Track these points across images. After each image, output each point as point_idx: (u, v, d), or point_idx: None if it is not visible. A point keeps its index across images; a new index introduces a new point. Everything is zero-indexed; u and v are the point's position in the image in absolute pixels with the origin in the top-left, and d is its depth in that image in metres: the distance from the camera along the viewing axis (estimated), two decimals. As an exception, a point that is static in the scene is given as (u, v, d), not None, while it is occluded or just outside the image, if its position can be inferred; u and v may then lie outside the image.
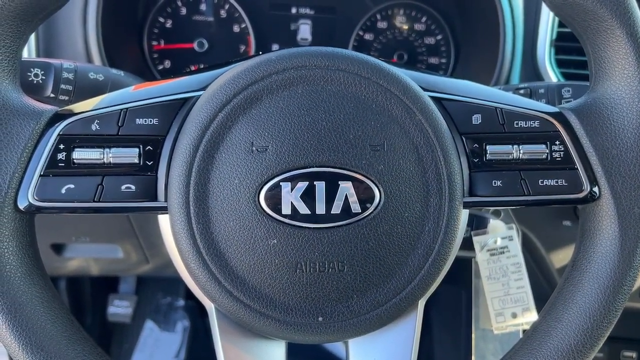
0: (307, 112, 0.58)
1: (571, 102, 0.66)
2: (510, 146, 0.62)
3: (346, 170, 0.58)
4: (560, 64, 1.06)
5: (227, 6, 1.18)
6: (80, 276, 1.59)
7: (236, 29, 1.19)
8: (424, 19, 1.22)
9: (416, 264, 0.59)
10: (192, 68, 1.20)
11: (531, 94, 0.79)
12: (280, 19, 1.21)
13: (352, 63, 0.59)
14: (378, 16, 1.22)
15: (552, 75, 1.05)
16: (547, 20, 1.05)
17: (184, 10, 1.18)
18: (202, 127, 0.58)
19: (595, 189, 0.62)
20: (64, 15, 0.99)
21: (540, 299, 1.07)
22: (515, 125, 0.63)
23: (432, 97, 0.63)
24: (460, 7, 1.18)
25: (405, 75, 0.62)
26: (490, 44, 1.08)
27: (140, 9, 1.15)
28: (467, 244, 0.89)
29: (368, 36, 1.23)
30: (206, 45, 1.17)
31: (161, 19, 1.18)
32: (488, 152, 0.62)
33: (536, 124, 0.63)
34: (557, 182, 0.62)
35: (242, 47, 1.20)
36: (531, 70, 1.07)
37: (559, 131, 0.63)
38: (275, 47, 1.22)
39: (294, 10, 1.21)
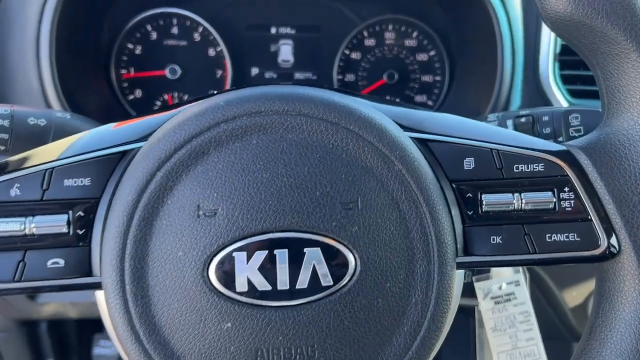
0: (264, 166, 0.49)
1: (581, 138, 0.55)
2: (511, 195, 0.52)
3: (313, 235, 0.48)
4: (566, 80, 0.96)
5: (200, 29, 1.09)
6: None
7: (211, 52, 1.10)
8: (415, 34, 1.13)
9: (402, 344, 0.49)
10: (166, 97, 1.11)
11: (534, 123, 0.69)
12: (259, 40, 1.12)
13: (316, 105, 0.50)
14: (365, 33, 1.13)
15: (557, 93, 0.95)
16: (550, 32, 0.95)
17: (154, 35, 1.09)
18: (138, 189, 0.48)
19: (614, 244, 0.52)
20: (15, 52, 0.90)
21: (552, 339, 0.96)
22: (515, 170, 0.53)
23: (416, 139, 0.53)
24: (454, 21, 1.08)
25: (382, 114, 0.53)
26: (488, 58, 0.98)
27: (105, 36, 1.06)
28: (469, 290, 0.79)
29: (355, 55, 1.13)
30: (179, 72, 1.08)
31: (130, 45, 1.09)
32: (484, 202, 0.52)
33: (540, 167, 0.53)
34: (567, 237, 0.52)
35: (219, 72, 1.11)
36: (534, 88, 0.97)
37: (567, 175, 0.53)
38: (254, 70, 1.13)
39: (273, 30, 1.12)
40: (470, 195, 0.53)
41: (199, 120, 0.49)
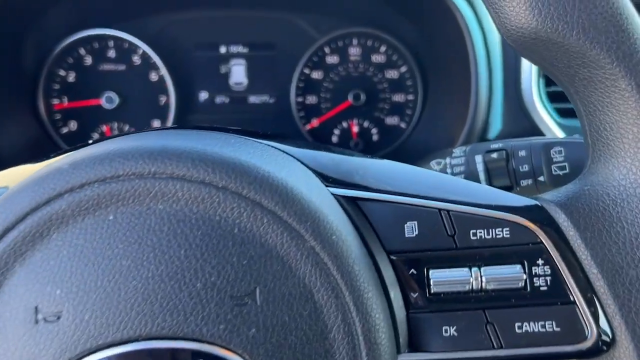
0: (124, 251, 0.36)
1: (559, 190, 0.43)
2: (467, 270, 0.40)
3: (194, 343, 0.36)
4: (553, 97, 0.83)
5: (140, 51, 0.97)
6: None
7: (153, 77, 0.98)
8: (382, 49, 1.00)
9: None
10: (104, 129, 0.99)
11: (508, 159, 0.57)
12: (207, 61, 1.00)
13: (195, 163, 0.37)
14: (326, 49, 1.00)
15: (543, 113, 0.82)
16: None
17: (88, 60, 0.97)
18: (-46, 288, 0.35)
19: (607, 331, 0.39)
20: None
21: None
22: (472, 237, 0.40)
23: (342, 198, 0.41)
24: (423, 34, 0.96)
25: (294, 165, 0.40)
26: (462, 76, 0.85)
27: (29, 60, 0.94)
28: None
29: (316, 74, 1.01)
30: (117, 100, 0.96)
31: (61, 72, 0.97)
32: (433, 281, 0.40)
33: (505, 232, 0.40)
34: (543, 325, 0.39)
35: (162, 99, 0.98)
36: (517, 108, 0.84)
37: (541, 242, 0.40)
38: (203, 95, 1.01)
39: (223, 50, 1.00)
40: (415, 272, 0.40)
41: (35, 190, 0.36)
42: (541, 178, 0.55)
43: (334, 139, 1.02)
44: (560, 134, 0.82)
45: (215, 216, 0.37)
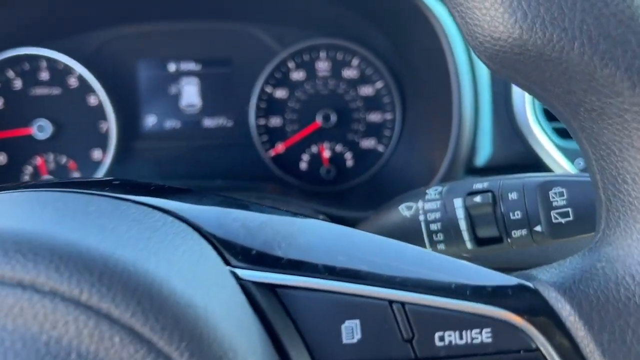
0: None
1: (559, 264, 0.30)
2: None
3: None
4: (551, 115, 0.71)
5: (76, 72, 0.85)
6: None
7: (92, 101, 0.86)
8: (355, 63, 0.88)
9: None
10: (38, 162, 0.86)
11: (495, 203, 0.44)
12: (154, 81, 0.88)
13: (8, 254, 0.24)
14: (290, 64, 0.88)
15: (539, 134, 0.70)
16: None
17: (18, 83, 0.85)
18: None
19: None
20: None
21: None
22: (437, 342, 0.28)
23: (253, 285, 0.29)
24: (399, 44, 0.83)
25: (173, 243, 0.28)
26: (444, 90, 0.73)
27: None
28: None
29: (279, 93, 0.88)
30: (50, 129, 0.84)
31: (-13, 98, 0.85)
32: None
33: (486, 335, 0.28)
34: None
35: (103, 126, 0.86)
36: (508, 127, 0.72)
37: (537, 349, 0.28)
38: (151, 120, 0.88)
39: (172, 68, 0.88)
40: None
41: None
42: (538, 228, 0.43)
43: (303, 165, 0.90)
44: (561, 159, 0.69)
45: (42, 335, 0.24)
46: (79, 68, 0.84)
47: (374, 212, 0.52)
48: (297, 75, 0.88)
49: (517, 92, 0.71)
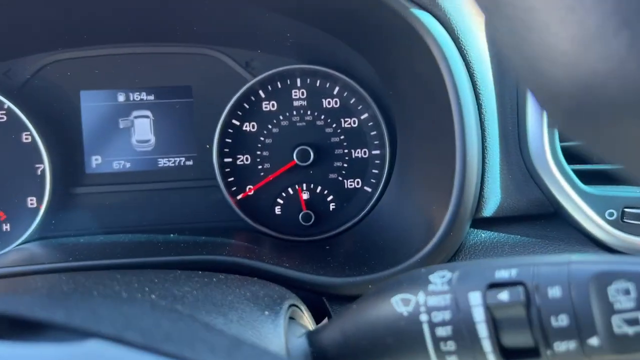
0: None
1: None
2: None
3: None
4: (570, 155, 0.59)
5: (4, 105, 0.71)
6: None
7: (25, 139, 0.72)
8: (335, 90, 0.75)
9: None
10: (-41, 210, 0.72)
11: (529, 301, 0.30)
12: (100, 114, 0.74)
13: None
14: (261, 93, 0.75)
15: (560, 178, 0.58)
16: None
17: None
18: None
19: None
20: None
21: None
22: None
23: None
24: (387, 70, 0.70)
25: None
26: (440, 127, 0.60)
27: None
28: None
29: (248, 126, 0.75)
30: (-28, 173, 0.70)
31: None
32: None
33: None
34: None
35: (39, 167, 0.72)
36: (521, 170, 0.59)
37: None
38: (95, 160, 0.74)
39: (121, 98, 0.74)
40: None
41: None
42: (593, 340, 0.30)
43: (277, 210, 0.76)
44: (588, 209, 0.56)
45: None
46: (6, 100, 0.70)
47: (360, 297, 0.39)
48: (268, 105, 0.75)
49: (533, 128, 0.58)
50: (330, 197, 0.77)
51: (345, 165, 0.76)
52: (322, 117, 0.76)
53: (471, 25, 0.56)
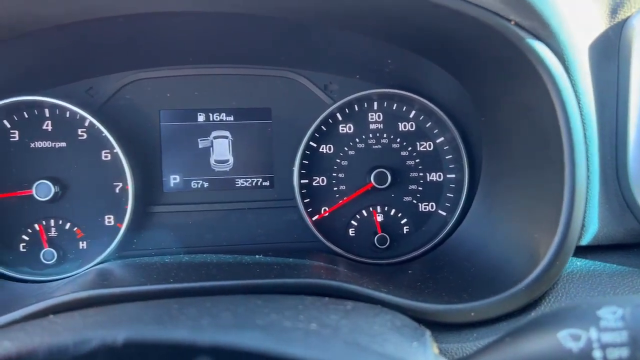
0: None
1: None
2: None
3: None
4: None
5: (86, 121, 0.71)
6: None
7: (105, 156, 0.72)
8: (412, 114, 0.76)
9: None
10: (36, 228, 0.71)
11: None
12: (179, 133, 0.74)
13: None
14: (340, 116, 0.75)
15: (659, 209, 0.58)
16: None
17: (15, 135, 0.71)
18: None
19: None
20: None
21: None
22: None
23: None
24: (482, 95, 0.70)
25: None
26: (543, 153, 0.60)
27: None
28: None
29: (325, 148, 0.75)
30: (52, 190, 0.69)
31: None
32: None
33: None
34: None
35: (117, 185, 0.72)
36: (618, 199, 0.60)
37: None
38: (173, 179, 0.74)
39: (201, 118, 0.74)
40: None
41: None
42: None
43: (352, 232, 0.76)
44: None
45: None
46: (88, 116, 0.70)
47: (508, 332, 0.39)
48: (345, 128, 0.75)
49: (635, 157, 0.58)
50: (404, 220, 0.77)
51: (420, 188, 0.76)
52: (398, 140, 0.76)
53: (579, 56, 0.56)
